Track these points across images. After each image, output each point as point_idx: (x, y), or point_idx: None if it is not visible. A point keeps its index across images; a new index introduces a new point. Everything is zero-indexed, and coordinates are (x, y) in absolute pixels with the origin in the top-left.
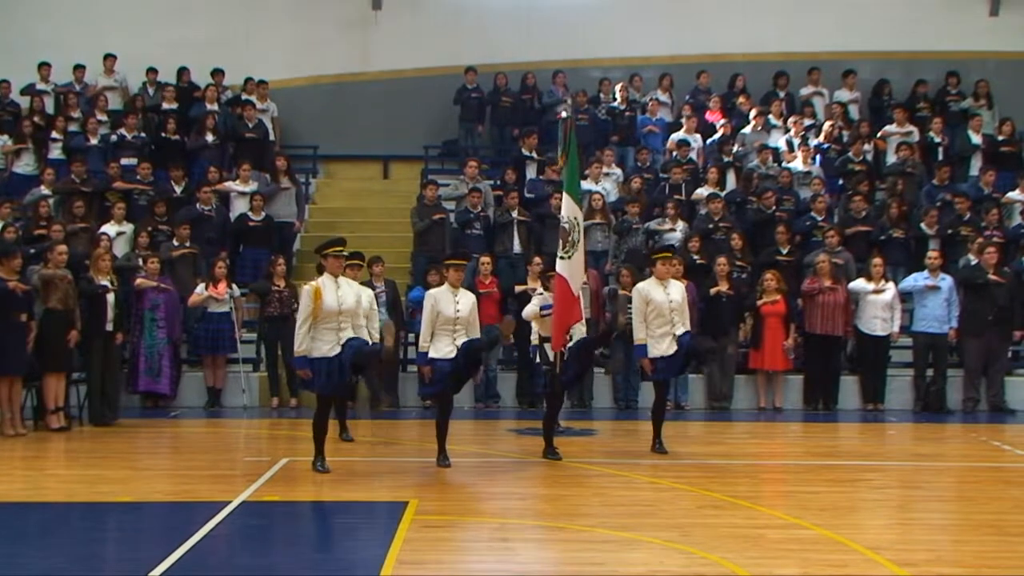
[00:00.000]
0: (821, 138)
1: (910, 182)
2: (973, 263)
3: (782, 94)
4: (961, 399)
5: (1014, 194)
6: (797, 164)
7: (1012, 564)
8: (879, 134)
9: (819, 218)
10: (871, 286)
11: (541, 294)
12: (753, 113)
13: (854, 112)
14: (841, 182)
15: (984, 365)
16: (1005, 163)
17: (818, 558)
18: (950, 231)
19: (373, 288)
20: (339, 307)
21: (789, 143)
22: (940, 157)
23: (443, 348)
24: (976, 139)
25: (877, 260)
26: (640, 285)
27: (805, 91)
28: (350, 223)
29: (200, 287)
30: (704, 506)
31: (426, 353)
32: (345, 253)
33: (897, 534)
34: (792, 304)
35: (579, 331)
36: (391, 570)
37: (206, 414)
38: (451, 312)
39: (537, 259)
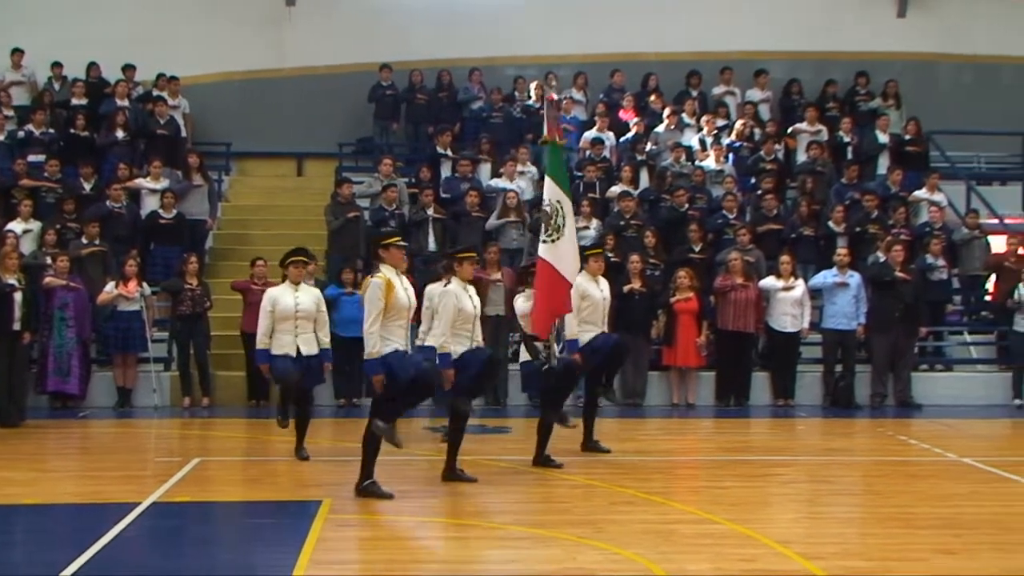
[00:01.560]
0: (733, 137)
1: (820, 181)
2: (881, 260)
3: (695, 93)
4: (869, 394)
5: (920, 193)
6: (710, 163)
7: (917, 555)
8: (789, 131)
9: (731, 216)
10: (781, 283)
11: (523, 291)
12: (666, 112)
13: (765, 111)
14: (753, 180)
15: (891, 361)
16: (912, 162)
17: (729, 552)
18: (858, 229)
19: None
20: (409, 304)
21: (702, 142)
22: (849, 156)
23: (461, 350)
24: (884, 138)
25: (786, 258)
26: (576, 280)
27: (717, 90)
28: (263, 221)
29: (110, 285)
30: (617, 502)
31: (449, 355)
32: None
33: (806, 528)
34: (705, 301)
35: (569, 326)
36: (304, 570)
37: (116, 414)
38: (471, 308)
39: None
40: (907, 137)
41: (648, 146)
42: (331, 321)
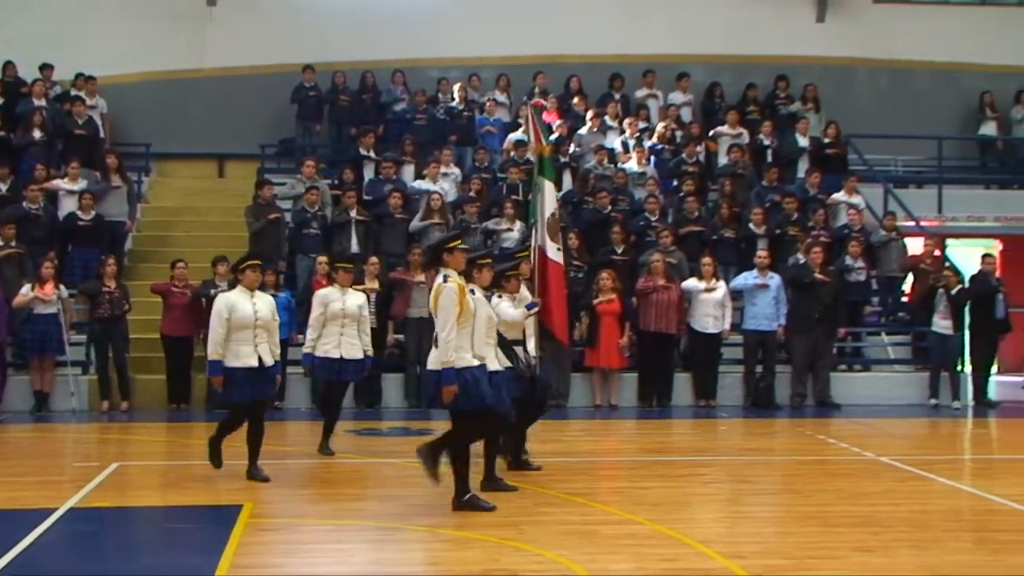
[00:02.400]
0: (655, 139)
1: (740, 183)
2: (800, 262)
3: (617, 96)
4: (789, 395)
5: (839, 195)
6: (632, 165)
7: (835, 553)
8: (710, 134)
9: (653, 218)
10: (703, 285)
11: (500, 297)
12: (589, 114)
13: (687, 114)
14: (675, 183)
15: (811, 362)
16: (831, 165)
17: (651, 552)
18: (778, 231)
19: (216, 287)
20: (474, 309)
21: (624, 144)
22: (769, 159)
23: (491, 362)
24: (803, 142)
25: (708, 259)
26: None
27: (640, 93)
28: (184, 222)
29: (26, 288)
30: (540, 504)
31: (484, 366)
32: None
33: (727, 527)
34: (627, 303)
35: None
36: (225, 574)
37: (33, 419)
38: (495, 317)
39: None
40: (826, 140)
41: (571, 148)
42: None
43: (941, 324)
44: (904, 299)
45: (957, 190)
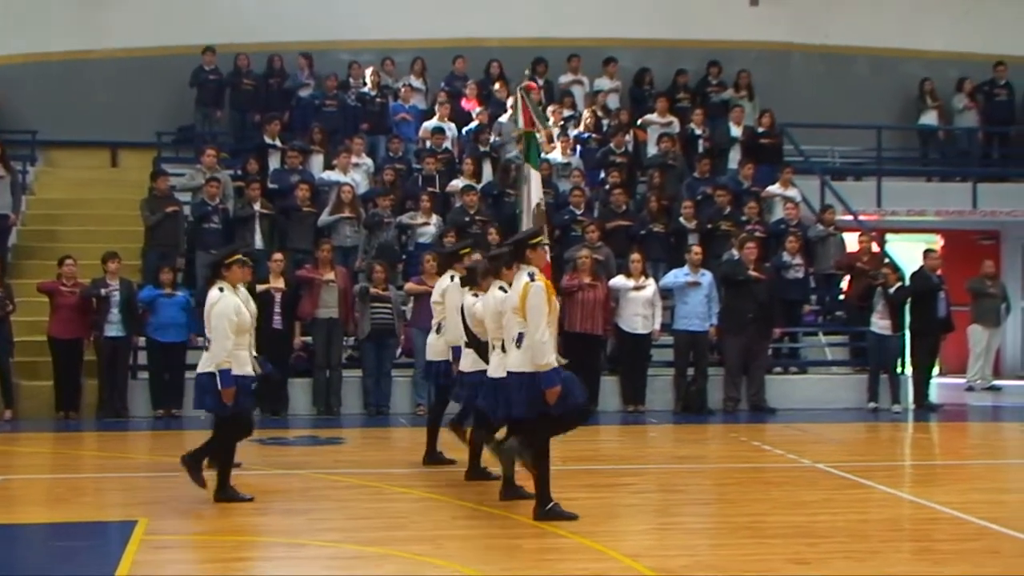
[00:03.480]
0: (581, 128)
1: (671, 175)
2: (734, 259)
3: (541, 82)
4: (722, 399)
5: (774, 188)
6: (556, 155)
7: (770, 566)
8: (639, 123)
9: (578, 212)
10: (631, 283)
11: (476, 295)
12: (511, 101)
13: (615, 101)
14: (601, 174)
15: (744, 364)
16: (765, 156)
17: (576, 567)
18: (710, 225)
19: (107, 286)
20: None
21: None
22: (701, 149)
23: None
24: (736, 131)
25: (636, 256)
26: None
27: (564, 79)
28: (73, 216)
29: None
30: (459, 517)
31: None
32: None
33: (656, 539)
34: None
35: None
36: None
37: None
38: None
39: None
40: (760, 130)
41: (492, 137)
42: (148, 324)
43: (880, 324)
44: (841, 297)
45: (897, 182)
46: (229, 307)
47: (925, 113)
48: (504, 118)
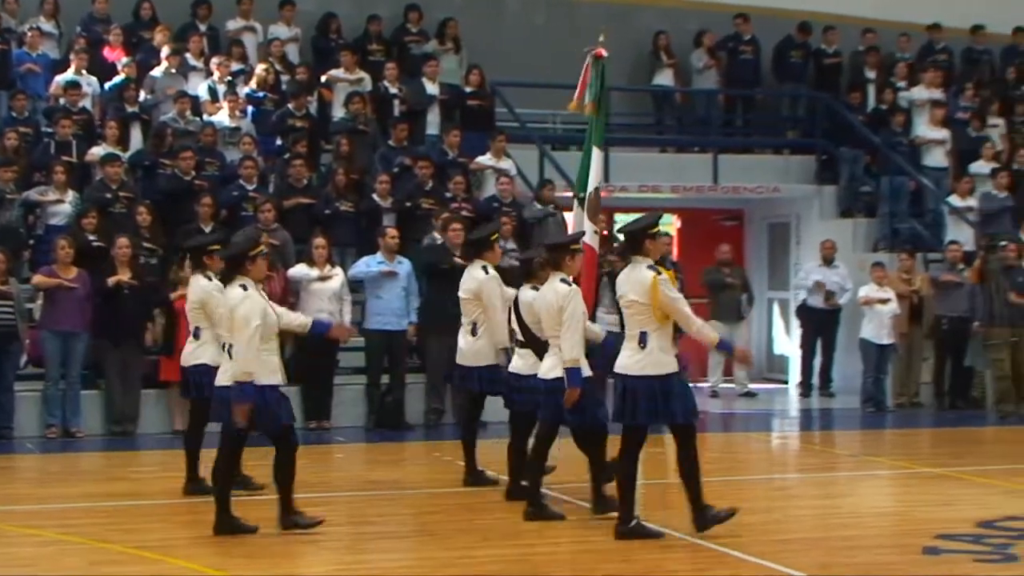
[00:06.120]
0: (253, 85)
1: (361, 143)
2: (437, 243)
3: (203, 27)
4: (423, 411)
5: (485, 159)
6: (223, 118)
7: None
8: (324, 79)
9: (250, 187)
10: (315, 272)
11: (536, 288)
12: (166, 51)
13: (294, 54)
14: (279, 142)
15: (450, 369)
16: (474, 121)
17: None
18: (409, 204)
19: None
20: None
21: (212, 90)
22: (397, 112)
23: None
24: (432, 88)
25: (320, 240)
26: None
27: (233, 25)
28: None
29: None
30: (100, 561)
31: (580, 371)
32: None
33: None
34: None
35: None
36: None
37: None
38: None
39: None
40: (468, 89)
41: (142, 95)
42: None
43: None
44: None
45: (627, 153)
46: (252, 310)
47: (659, 72)
48: (157, 71)
